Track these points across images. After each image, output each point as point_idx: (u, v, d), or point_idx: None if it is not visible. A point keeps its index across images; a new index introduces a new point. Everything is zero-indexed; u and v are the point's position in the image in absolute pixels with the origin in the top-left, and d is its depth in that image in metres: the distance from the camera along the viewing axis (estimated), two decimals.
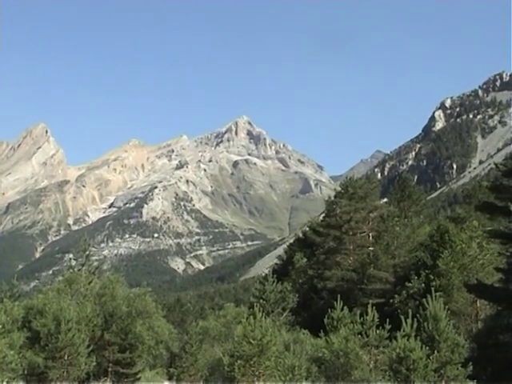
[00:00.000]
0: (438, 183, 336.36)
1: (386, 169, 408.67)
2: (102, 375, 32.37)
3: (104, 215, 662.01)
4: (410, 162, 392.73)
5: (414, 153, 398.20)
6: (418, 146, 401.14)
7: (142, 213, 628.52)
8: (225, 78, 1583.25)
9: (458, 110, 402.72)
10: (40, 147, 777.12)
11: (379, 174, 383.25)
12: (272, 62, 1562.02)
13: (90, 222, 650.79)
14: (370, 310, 29.66)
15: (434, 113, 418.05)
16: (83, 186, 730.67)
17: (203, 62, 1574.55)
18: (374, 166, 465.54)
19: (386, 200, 75.03)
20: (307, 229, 64.84)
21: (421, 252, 44.09)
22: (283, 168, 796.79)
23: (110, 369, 32.45)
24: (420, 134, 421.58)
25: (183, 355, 52.34)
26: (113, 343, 32.56)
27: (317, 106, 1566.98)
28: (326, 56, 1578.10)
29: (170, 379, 57.11)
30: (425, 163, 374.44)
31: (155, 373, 47.85)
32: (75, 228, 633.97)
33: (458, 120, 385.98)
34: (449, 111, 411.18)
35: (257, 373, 25.89)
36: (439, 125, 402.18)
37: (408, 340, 23.58)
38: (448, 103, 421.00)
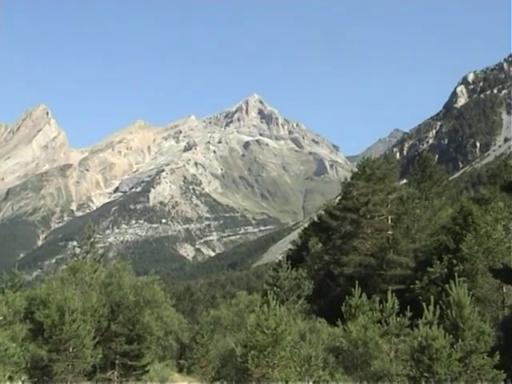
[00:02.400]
0: (460, 163, 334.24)
1: (405, 148, 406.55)
2: (109, 368, 32.52)
3: (109, 200, 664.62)
4: (431, 141, 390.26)
5: (434, 131, 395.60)
6: (439, 123, 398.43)
7: (148, 197, 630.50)
8: (234, 54, 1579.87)
9: (481, 84, 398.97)
10: (41, 130, 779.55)
11: (398, 154, 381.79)
12: (284, 38, 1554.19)
13: (95, 208, 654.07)
14: (389, 296, 29.61)
15: (455, 88, 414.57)
16: (87, 170, 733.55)
17: (211, 39, 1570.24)
18: (393, 146, 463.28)
19: (405, 181, 74.80)
20: (322, 212, 64.77)
21: (443, 235, 43.96)
22: (297, 149, 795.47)
23: (117, 361, 32.57)
24: (441, 110, 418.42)
25: (194, 346, 52.68)
26: (120, 334, 32.66)
27: (332, 83, 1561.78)
28: (342, 31, 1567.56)
29: (180, 371, 57.47)
30: (446, 142, 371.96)
31: (165, 365, 48.11)
32: (79, 214, 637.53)
33: (482, 95, 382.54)
34: (472, 86, 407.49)
35: (271, 364, 25.93)
36: (461, 101, 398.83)
37: (430, 328, 23.49)
38: (471, 78, 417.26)
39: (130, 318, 33.40)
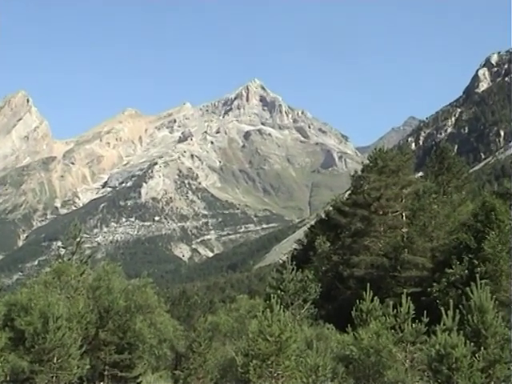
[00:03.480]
0: (482, 153, 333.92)
1: (422, 138, 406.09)
2: (97, 379, 32.59)
3: (97, 196, 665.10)
4: (450, 130, 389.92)
5: (453, 118, 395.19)
6: (459, 110, 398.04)
7: (140, 193, 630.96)
8: (233, 36, 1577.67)
9: (505, 67, 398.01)
10: (21, 119, 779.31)
11: (413, 144, 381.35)
12: (287, 18, 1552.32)
13: (81, 205, 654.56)
14: (404, 300, 29.57)
15: (477, 71, 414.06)
16: (72, 164, 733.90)
17: (208, 20, 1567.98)
18: (408, 135, 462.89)
19: (421, 174, 74.66)
20: (331, 208, 64.71)
21: (463, 233, 43.87)
22: (302, 139, 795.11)
23: (106, 372, 32.65)
24: (461, 96, 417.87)
25: (190, 355, 52.57)
26: (109, 343, 32.74)
27: (340, 68, 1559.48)
28: (352, 12, 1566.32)
29: (175, 383, 57.51)
30: (467, 130, 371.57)
31: (158, 376, 48.24)
32: (64, 212, 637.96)
33: (507, 79, 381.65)
34: (495, 69, 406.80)
35: (275, 374, 25.95)
36: (483, 85, 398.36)
37: (449, 335, 23.48)
38: (494, 59, 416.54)
39: (121, 325, 33.45)
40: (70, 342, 28.47)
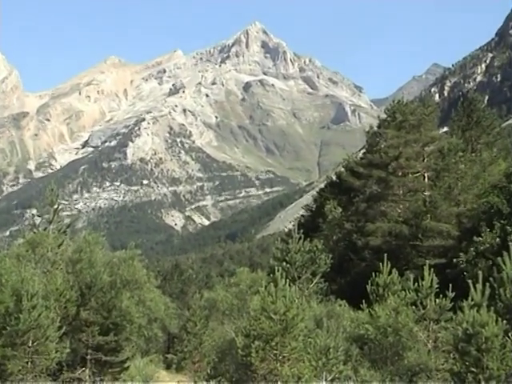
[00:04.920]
0: None
1: (447, 88, 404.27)
2: (79, 365, 32.69)
3: (76, 158, 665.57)
4: (479, 78, 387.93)
5: (484, 65, 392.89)
6: (490, 55, 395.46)
7: (126, 153, 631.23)
8: None
9: None
10: None
11: (437, 95, 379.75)
12: None
13: (58, 167, 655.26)
14: (426, 272, 29.57)
15: None
16: (47, 120, 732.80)
17: None
18: (430, 85, 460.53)
19: (446, 129, 74.42)
20: (342, 169, 64.73)
21: (494, 196, 43.84)
22: (310, 90, 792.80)
23: (88, 356, 32.70)
24: (492, 39, 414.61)
25: (184, 337, 53.09)
26: (92, 323, 32.77)
27: (352, 8, 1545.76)
28: None
29: (167, 368, 57.98)
30: (499, 79, 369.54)
31: (148, 360, 48.47)
32: (38, 175, 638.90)
33: None
34: None
35: (280, 357, 26.02)
36: None
37: (478, 312, 23.47)
38: None
39: (105, 303, 33.45)
40: (46, 323, 28.46)
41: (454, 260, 41.05)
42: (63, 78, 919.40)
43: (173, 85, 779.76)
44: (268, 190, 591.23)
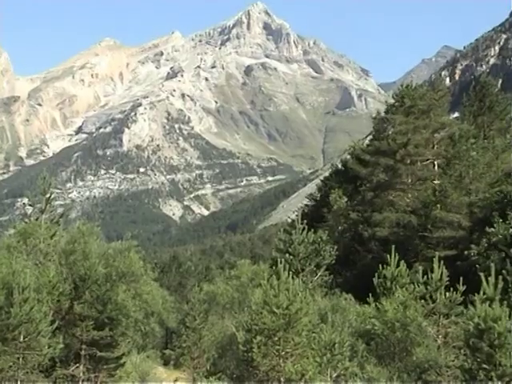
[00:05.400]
0: None
1: (458, 71, 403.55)
2: (73, 361, 32.76)
3: (69, 144, 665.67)
4: (493, 61, 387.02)
5: (497, 47, 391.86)
6: (504, 36, 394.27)
7: (121, 140, 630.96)
8: None
9: None
10: None
11: (448, 79, 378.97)
12: None
13: (51, 154, 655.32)
14: (436, 265, 29.59)
15: None
16: (39, 105, 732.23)
17: None
18: (441, 68, 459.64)
19: (457, 115, 74.30)
20: (348, 157, 64.65)
21: (507, 185, 43.78)
22: (314, 74, 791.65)
23: (82, 352, 32.78)
24: (507, 19, 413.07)
25: (183, 332, 53.09)
26: (86, 317, 32.82)
27: None
28: None
29: (165, 364, 58.20)
30: None
31: (145, 356, 48.64)
32: (30, 162, 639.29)
33: None
34: None
35: (283, 352, 26.11)
36: None
37: (491, 306, 23.48)
38: None
39: (100, 296, 33.51)
40: (39, 317, 28.52)
41: (465, 252, 41.03)
42: (56, 61, 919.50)
43: (171, 68, 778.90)
44: (270, 178, 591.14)
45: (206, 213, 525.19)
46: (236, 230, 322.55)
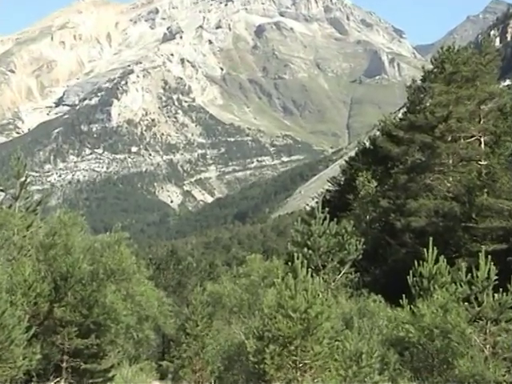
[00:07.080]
0: None
1: (510, 30, 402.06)
2: (52, 374, 32.87)
3: (48, 118, 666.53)
4: None
5: None
6: None
7: (110, 114, 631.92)
8: None
9: None
10: None
11: (498, 40, 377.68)
12: None
13: (26, 130, 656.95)
14: (482, 261, 29.54)
15: None
16: (11, 72, 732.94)
17: None
18: (489, 27, 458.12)
19: (508, 82, 74.05)
20: (378, 133, 64.61)
21: None
22: (338, 36, 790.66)
23: (64, 364, 32.84)
24: None
25: (183, 339, 53.28)
26: (68, 323, 32.92)
27: None
28: None
29: (162, 378, 58.35)
30: None
31: (138, 369, 48.81)
32: (1, 140, 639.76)
33: None
34: None
35: (300, 364, 26.13)
36: None
37: None
38: None
39: (84, 298, 33.63)
40: (12, 323, 28.55)
41: None
42: (31, 20, 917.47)
43: (167, 29, 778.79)
44: (285, 159, 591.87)
45: (209, 200, 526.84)
46: (245, 219, 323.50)
